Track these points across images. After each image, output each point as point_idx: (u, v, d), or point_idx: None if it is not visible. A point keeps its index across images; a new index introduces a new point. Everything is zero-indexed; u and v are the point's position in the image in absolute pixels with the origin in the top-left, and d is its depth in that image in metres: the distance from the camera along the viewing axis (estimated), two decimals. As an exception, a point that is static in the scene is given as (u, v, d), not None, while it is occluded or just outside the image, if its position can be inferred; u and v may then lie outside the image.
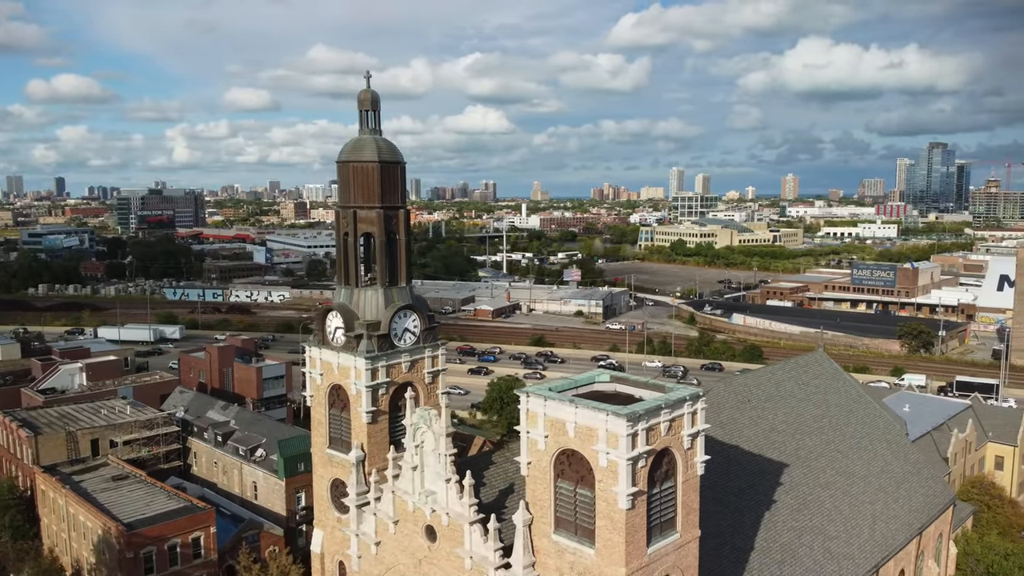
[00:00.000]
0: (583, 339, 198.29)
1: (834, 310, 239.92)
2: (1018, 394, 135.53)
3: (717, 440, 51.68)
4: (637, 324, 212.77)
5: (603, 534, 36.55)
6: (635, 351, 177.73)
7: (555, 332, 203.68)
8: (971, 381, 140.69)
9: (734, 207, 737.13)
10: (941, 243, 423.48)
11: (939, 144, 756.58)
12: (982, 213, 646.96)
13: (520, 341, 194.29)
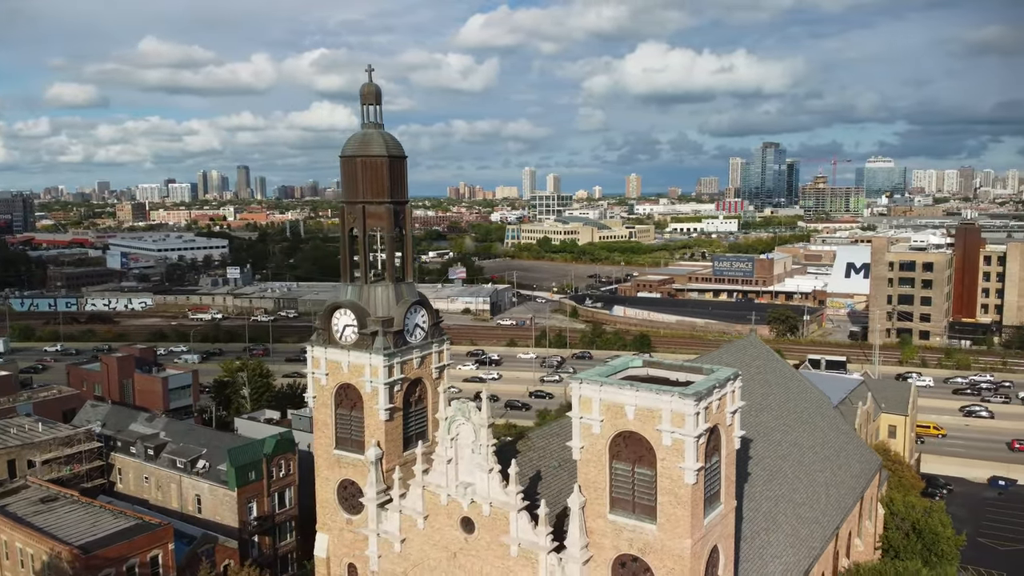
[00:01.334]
0: (479, 336, 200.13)
1: (700, 299, 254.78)
2: (884, 370, 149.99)
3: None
4: (526, 319, 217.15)
5: (665, 509, 38.54)
6: (533, 345, 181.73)
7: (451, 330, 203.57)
8: (821, 359, 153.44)
9: (587, 206, 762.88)
10: (780, 236, 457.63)
11: (771, 144, 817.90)
12: (812, 207, 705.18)
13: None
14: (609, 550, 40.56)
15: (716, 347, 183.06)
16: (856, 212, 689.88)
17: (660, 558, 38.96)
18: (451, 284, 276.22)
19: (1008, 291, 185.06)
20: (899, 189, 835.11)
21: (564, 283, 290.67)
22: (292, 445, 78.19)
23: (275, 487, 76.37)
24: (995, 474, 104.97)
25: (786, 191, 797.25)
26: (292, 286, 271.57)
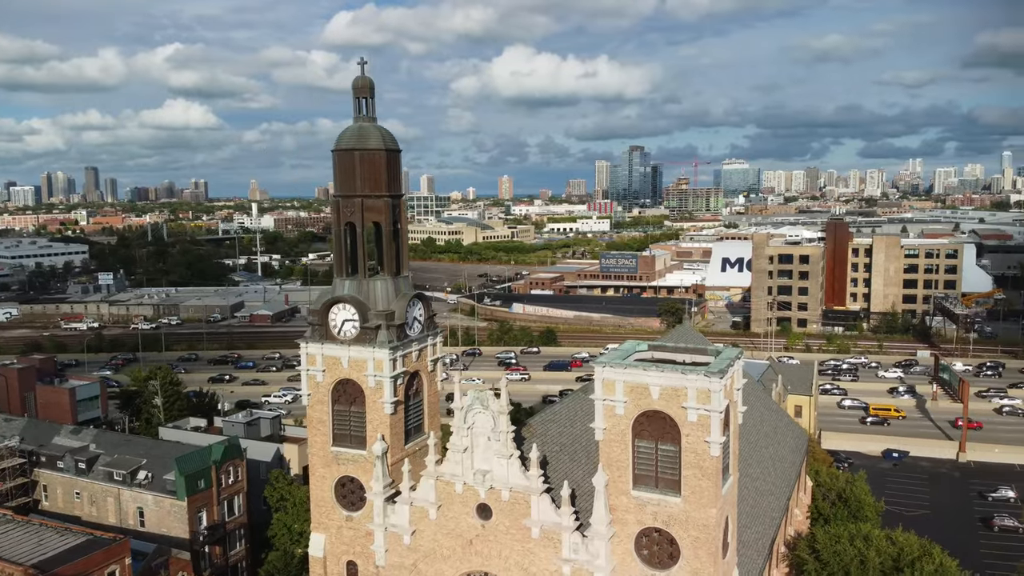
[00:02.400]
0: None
1: (590, 295, 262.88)
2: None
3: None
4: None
5: (690, 482, 41.02)
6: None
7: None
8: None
9: (464, 206, 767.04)
10: (652, 234, 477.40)
11: (637, 147, 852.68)
12: (676, 207, 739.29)
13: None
14: (632, 525, 42.63)
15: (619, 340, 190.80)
16: (716, 211, 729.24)
17: (685, 528, 41.39)
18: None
19: (875, 280, 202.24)
20: (754, 189, 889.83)
21: (456, 283, 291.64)
22: (239, 451, 75.85)
23: (224, 495, 73.83)
24: (888, 447, 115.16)
25: (651, 192, 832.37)
26: (171, 292, 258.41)
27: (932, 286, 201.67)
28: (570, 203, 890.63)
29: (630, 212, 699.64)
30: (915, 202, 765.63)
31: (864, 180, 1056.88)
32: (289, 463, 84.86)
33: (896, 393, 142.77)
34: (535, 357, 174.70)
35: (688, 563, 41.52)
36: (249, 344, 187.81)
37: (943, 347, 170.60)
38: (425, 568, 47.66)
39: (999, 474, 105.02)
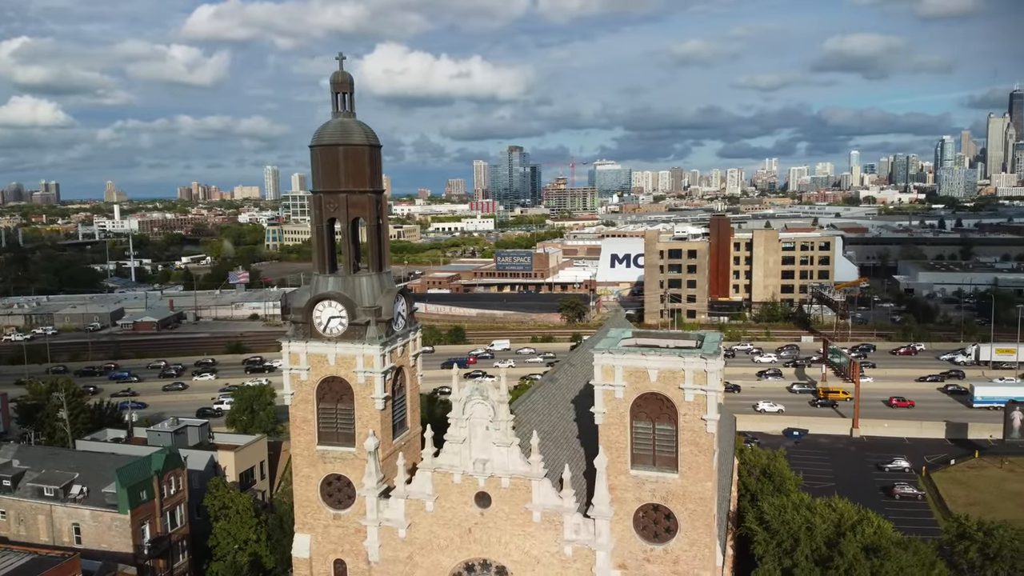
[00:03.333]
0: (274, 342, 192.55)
1: (489, 293, 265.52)
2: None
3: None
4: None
5: (687, 459, 43.74)
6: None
7: (250, 336, 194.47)
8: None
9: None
10: (537, 233, 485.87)
11: (516, 148, 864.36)
12: (555, 206, 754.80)
13: (212, 351, 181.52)
14: (631, 502, 44.94)
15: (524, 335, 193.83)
16: (593, 210, 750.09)
17: (683, 502, 44.08)
18: (232, 289, 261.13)
19: (755, 272, 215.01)
20: (626, 189, 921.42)
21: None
22: (180, 460, 73.03)
23: (167, 506, 70.90)
24: (789, 426, 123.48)
25: (531, 192, 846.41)
26: (42, 300, 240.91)
27: (807, 276, 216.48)
28: (451, 202, 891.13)
29: (512, 211, 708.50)
30: (774, 199, 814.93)
31: (725, 179, 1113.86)
32: (225, 471, 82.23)
33: (768, 376, 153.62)
34: (430, 356, 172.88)
35: (686, 535, 44.22)
36: (139, 353, 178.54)
37: (822, 332, 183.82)
38: (421, 560, 48.23)
39: (890, 447, 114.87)
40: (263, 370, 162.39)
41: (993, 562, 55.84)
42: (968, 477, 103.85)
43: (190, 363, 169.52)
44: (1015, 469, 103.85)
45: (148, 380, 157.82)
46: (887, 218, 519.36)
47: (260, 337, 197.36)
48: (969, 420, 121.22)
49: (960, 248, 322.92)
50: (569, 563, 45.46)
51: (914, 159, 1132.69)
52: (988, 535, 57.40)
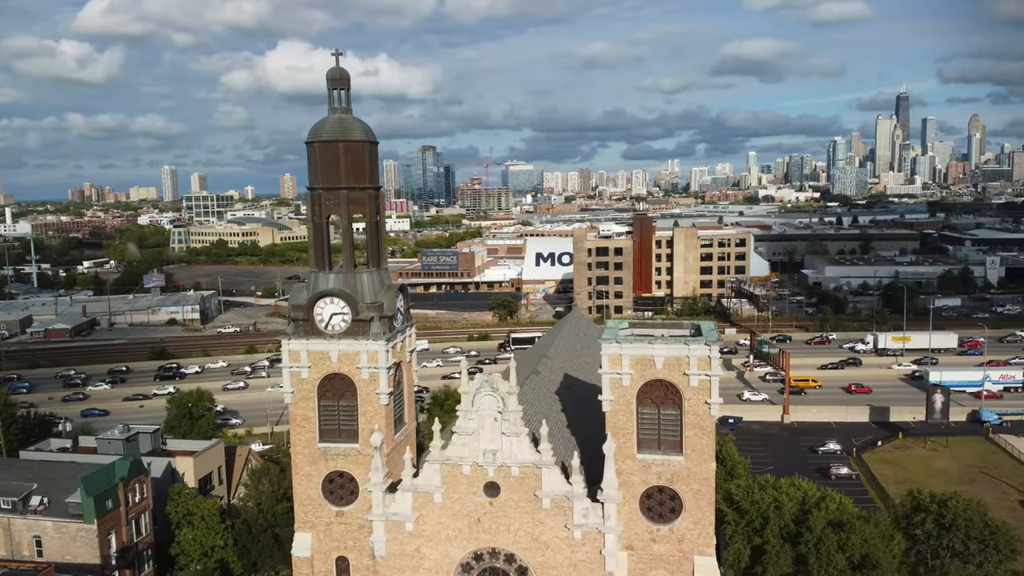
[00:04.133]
0: (212, 345, 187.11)
1: (416, 293, 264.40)
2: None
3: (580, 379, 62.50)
4: (250, 325, 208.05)
5: (691, 442, 45.89)
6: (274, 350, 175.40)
7: (170, 342, 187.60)
8: (522, 336, 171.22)
9: (250, 206, 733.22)
10: (456, 233, 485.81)
11: (429, 147, 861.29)
12: (470, 206, 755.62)
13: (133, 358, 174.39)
14: (638, 485, 46.78)
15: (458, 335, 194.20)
16: (507, 210, 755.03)
17: (687, 483, 46.20)
18: (147, 293, 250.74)
19: (676, 268, 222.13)
20: (538, 189, 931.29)
21: (268, 286, 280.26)
22: (143, 467, 70.85)
23: (132, 514, 68.67)
24: (724, 414, 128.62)
25: (445, 192, 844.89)
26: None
27: (725, 272, 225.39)
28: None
29: (427, 211, 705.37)
30: (679, 199, 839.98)
31: (630, 180, 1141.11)
32: (183, 476, 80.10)
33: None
34: None
35: (691, 514, 46.38)
36: (56, 361, 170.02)
37: (744, 324, 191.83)
38: (429, 552, 48.76)
39: (820, 431, 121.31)
40: (174, 377, 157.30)
41: (948, 531, 60.48)
42: (895, 457, 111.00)
43: (102, 371, 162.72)
44: (937, 448, 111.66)
45: (48, 390, 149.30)
46: (788, 216, 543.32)
47: (182, 343, 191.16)
48: (890, 404, 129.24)
49: (860, 243, 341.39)
50: (578, 547, 46.93)
51: (808, 159, 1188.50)
52: (942, 506, 62.14)
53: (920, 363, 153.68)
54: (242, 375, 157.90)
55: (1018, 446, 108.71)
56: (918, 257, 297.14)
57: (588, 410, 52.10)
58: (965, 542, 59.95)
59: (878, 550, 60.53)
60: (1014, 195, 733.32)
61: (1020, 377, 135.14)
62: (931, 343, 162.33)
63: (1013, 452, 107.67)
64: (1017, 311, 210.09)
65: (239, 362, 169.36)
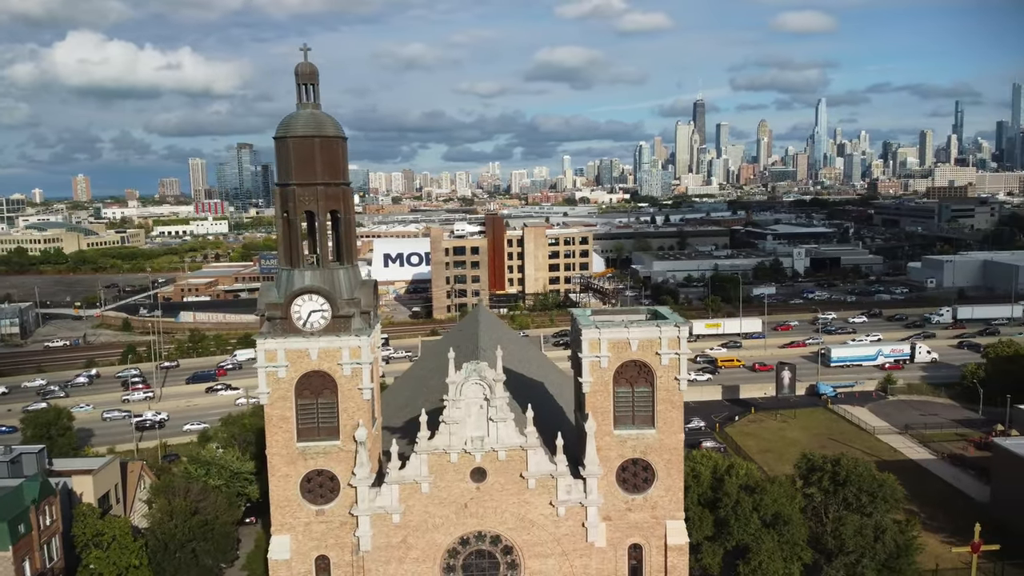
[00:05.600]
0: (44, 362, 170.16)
1: (251, 298, 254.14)
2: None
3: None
4: (79, 338, 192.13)
5: (662, 416, 50.16)
6: (117, 363, 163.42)
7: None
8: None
9: (45, 210, 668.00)
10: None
11: (246, 145, 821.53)
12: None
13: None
14: (615, 459, 50.42)
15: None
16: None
17: (659, 454, 50.44)
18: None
19: (527, 266, 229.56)
20: (364, 189, 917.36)
21: (88, 296, 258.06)
22: (52, 489, 65.51)
23: (44, 538, 63.32)
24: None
25: (264, 191, 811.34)
26: None
27: (571, 268, 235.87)
28: (169, 204, 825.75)
29: (246, 212, 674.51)
30: (505, 200, 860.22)
31: (454, 181, 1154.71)
32: (81, 496, 74.39)
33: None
34: (175, 371, 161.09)
35: (662, 482, 50.68)
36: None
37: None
38: (415, 541, 49.76)
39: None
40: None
41: (843, 487, 68.90)
42: (753, 429, 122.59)
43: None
44: (787, 420, 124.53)
45: None
46: (608, 216, 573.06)
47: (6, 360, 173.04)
48: (741, 383, 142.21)
49: (677, 240, 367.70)
50: (562, 522, 49.80)
51: (616, 163, 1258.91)
52: (836, 465, 70.61)
53: (727, 346, 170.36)
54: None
55: (856, 414, 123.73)
56: (734, 251, 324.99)
57: (537, 398, 55.09)
58: (857, 495, 68.53)
59: (786, 508, 67.96)
60: (800, 193, 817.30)
61: (907, 351, 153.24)
62: (741, 327, 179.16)
63: (852, 420, 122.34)
64: (825, 297, 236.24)
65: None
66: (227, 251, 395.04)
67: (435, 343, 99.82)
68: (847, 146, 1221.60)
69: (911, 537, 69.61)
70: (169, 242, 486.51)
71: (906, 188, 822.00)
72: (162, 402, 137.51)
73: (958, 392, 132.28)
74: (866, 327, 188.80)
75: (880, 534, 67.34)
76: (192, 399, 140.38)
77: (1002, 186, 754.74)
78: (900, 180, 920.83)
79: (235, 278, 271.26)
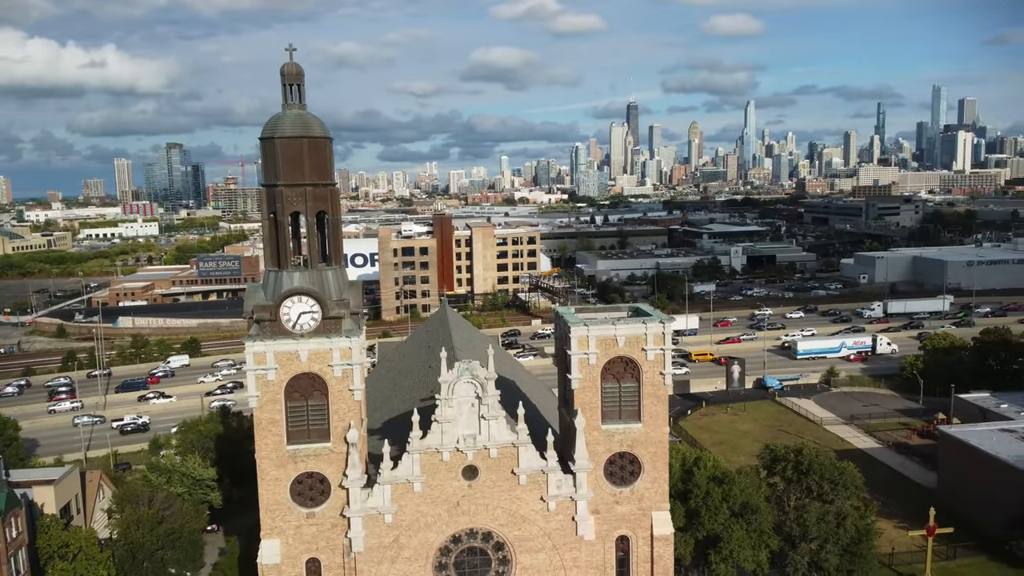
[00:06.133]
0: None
1: (192, 302, 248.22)
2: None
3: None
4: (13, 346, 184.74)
5: (648, 410, 51.49)
6: (58, 370, 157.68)
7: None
8: None
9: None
10: (218, 236, 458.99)
11: (175, 145, 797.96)
12: (226, 207, 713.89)
13: None
14: (602, 453, 51.51)
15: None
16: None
17: (645, 447, 51.76)
18: None
19: (476, 266, 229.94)
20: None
21: (18, 301, 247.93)
22: (18, 500, 63.38)
23: (11, 550, 61.18)
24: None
25: (195, 192, 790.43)
26: None
27: (519, 268, 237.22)
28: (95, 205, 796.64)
29: (177, 214, 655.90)
30: (445, 201, 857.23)
31: (391, 181, 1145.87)
32: (43, 507, 72.01)
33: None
34: (105, 379, 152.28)
35: (648, 474, 52.02)
36: None
37: (548, 315, 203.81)
38: (408, 540, 49.97)
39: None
40: None
41: (806, 475, 71.52)
42: (705, 423, 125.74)
43: None
44: (737, 413, 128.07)
45: None
46: (548, 216, 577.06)
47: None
48: (690, 378, 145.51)
49: (617, 239, 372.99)
50: (552, 517, 50.65)
51: (553, 163, 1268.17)
52: (798, 454, 73.22)
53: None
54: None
55: (803, 406, 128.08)
56: (674, 250, 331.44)
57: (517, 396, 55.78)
58: (820, 483, 71.25)
59: (754, 498, 70.24)
60: (732, 193, 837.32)
61: (869, 343, 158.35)
62: (687, 324, 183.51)
63: (800, 411, 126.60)
64: (764, 293, 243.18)
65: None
66: (160, 254, 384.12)
67: (399, 344, 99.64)
68: (775, 147, 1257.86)
69: (870, 523, 72.78)
70: (98, 245, 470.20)
71: (832, 187, 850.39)
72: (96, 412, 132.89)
73: (898, 383, 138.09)
74: (802, 322, 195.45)
75: (841, 520, 70.13)
76: (122, 408, 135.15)
77: (923, 185, 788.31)
78: (827, 180, 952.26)
79: (172, 282, 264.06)
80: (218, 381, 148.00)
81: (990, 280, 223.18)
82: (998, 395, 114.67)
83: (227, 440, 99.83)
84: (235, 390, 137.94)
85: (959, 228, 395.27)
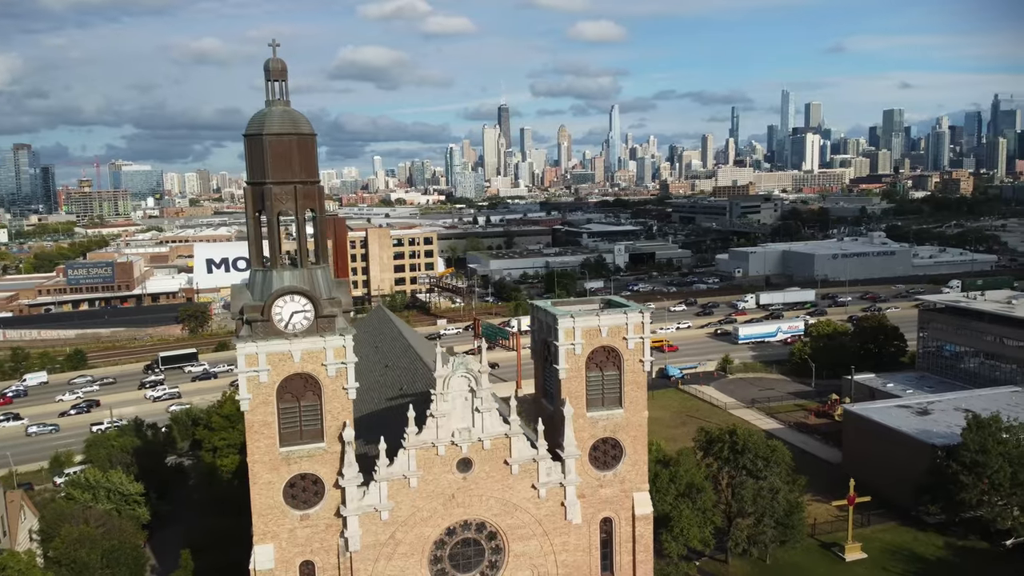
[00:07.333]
0: None
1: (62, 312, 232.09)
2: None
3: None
4: None
5: (629, 395, 54.00)
6: None
7: None
8: (173, 355, 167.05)
9: None
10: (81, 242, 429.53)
11: (24, 146, 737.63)
12: (80, 212, 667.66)
13: None
14: (587, 440, 53.59)
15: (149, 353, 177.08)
16: (127, 215, 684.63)
17: (627, 432, 54.26)
18: None
19: (372, 268, 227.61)
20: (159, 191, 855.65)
21: None
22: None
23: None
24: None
25: (44, 196, 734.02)
26: None
27: (416, 269, 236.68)
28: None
29: (27, 219, 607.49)
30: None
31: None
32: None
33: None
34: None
35: (630, 458, 54.57)
36: None
37: (450, 315, 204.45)
38: (403, 536, 50.19)
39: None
40: None
41: (741, 455, 76.38)
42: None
43: None
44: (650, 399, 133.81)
45: None
46: (430, 217, 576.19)
47: None
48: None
49: (504, 239, 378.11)
50: (543, 504, 52.13)
51: (428, 164, 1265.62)
52: (732, 435, 78.04)
53: None
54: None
55: (706, 392, 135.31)
56: (561, 249, 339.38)
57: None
58: (754, 461, 76.33)
59: (697, 478, 74.50)
60: (601, 195, 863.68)
61: (802, 327, 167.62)
62: None
63: (703, 397, 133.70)
64: (648, 288, 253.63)
65: None
66: (15, 262, 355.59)
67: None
68: (638, 150, 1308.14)
69: (798, 496, 78.70)
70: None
71: (693, 188, 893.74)
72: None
73: (787, 368, 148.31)
74: (685, 315, 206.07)
75: (775, 495, 75.49)
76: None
77: (776, 184, 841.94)
78: (688, 181, 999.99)
79: (39, 291, 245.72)
80: (76, 399, 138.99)
81: (852, 271, 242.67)
82: (882, 375, 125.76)
83: (145, 453, 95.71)
84: (91, 409, 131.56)
85: (816, 224, 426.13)
